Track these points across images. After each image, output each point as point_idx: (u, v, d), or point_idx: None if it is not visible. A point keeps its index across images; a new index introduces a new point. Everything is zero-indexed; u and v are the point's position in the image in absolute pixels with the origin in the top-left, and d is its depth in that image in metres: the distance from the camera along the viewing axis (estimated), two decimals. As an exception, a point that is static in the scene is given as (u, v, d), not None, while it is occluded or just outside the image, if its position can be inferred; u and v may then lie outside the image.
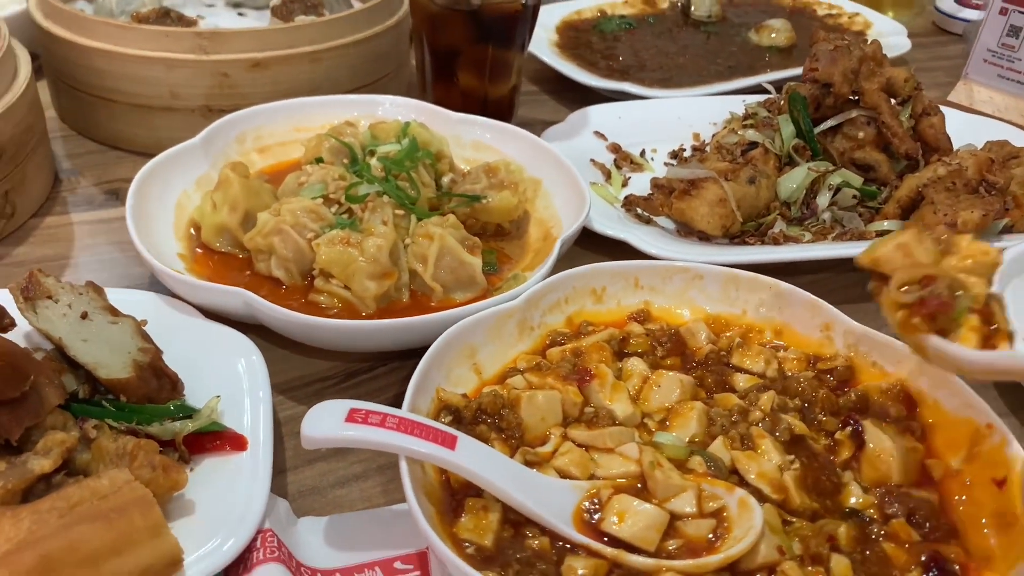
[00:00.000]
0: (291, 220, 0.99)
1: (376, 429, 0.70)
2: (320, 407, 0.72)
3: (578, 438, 0.80)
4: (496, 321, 0.89)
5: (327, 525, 0.77)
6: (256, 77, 1.26)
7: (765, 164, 1.21)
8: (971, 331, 0.72)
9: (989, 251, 0.75)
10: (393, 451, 0.71)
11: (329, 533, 0.76)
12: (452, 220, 1.03)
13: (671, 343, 0.94)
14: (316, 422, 0.71)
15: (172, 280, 0.92)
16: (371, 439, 0.70)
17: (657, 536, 0.71)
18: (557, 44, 1.69)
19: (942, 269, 0.74)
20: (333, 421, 0.71)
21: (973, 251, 0.76)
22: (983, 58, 1.63)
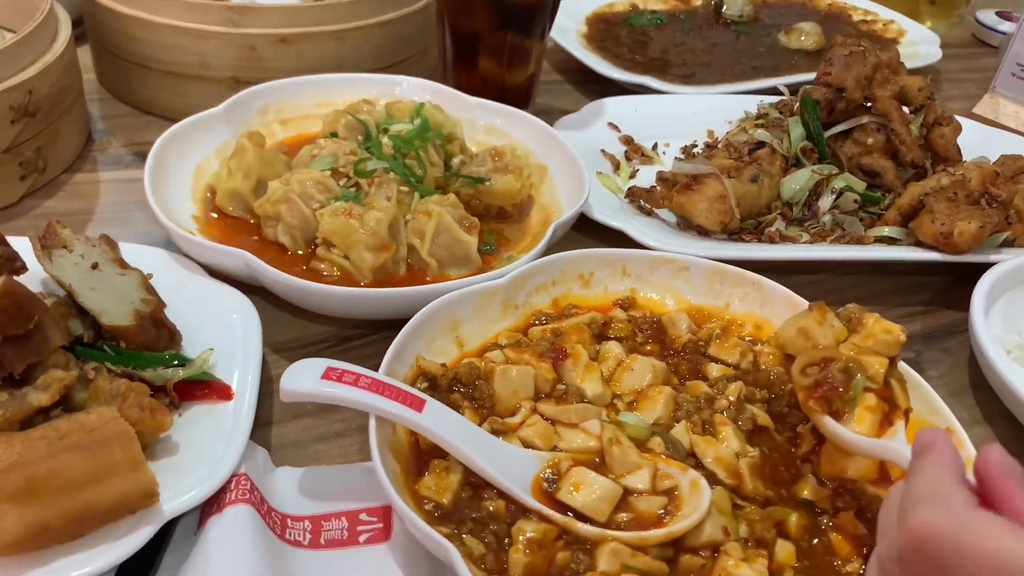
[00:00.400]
0: (299, 190, 1.04)
1: (349, 387, 0.75)
2: (300, 364, 0.77)
3: (546, 412, 0.83)
4: (481, 297, 0.93)
5: (302, 476, 0.82)
6: (282, 52, 1.31)
7: (771, 164, 1.22)
8: (867, 410, 0.77)
9: (892, 330, 0.81)
10: (364, 409, 0.75)
11: (303, 483, 0.81)
12: (452, 199, 1.06)
13: (652, 330, 0.97)
14: (294, 377, 0.76)
15: (179, 238, 0.97)
16: (343, 396, 0.74)
17: (608, 508, 0.74)
18: (585, 35, 1.72)
19: (838, 352, 0.80)
20: (310, 377, 0.75)
21: (876, 330, 0.82)
22: (1012, 72, 1.62)
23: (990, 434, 0.97)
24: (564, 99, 1.57)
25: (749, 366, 0.92)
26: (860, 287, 1.16)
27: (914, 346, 1.08)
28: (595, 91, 1.55)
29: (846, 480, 0.81)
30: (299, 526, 0.77)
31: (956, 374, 1.04)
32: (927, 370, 1.04)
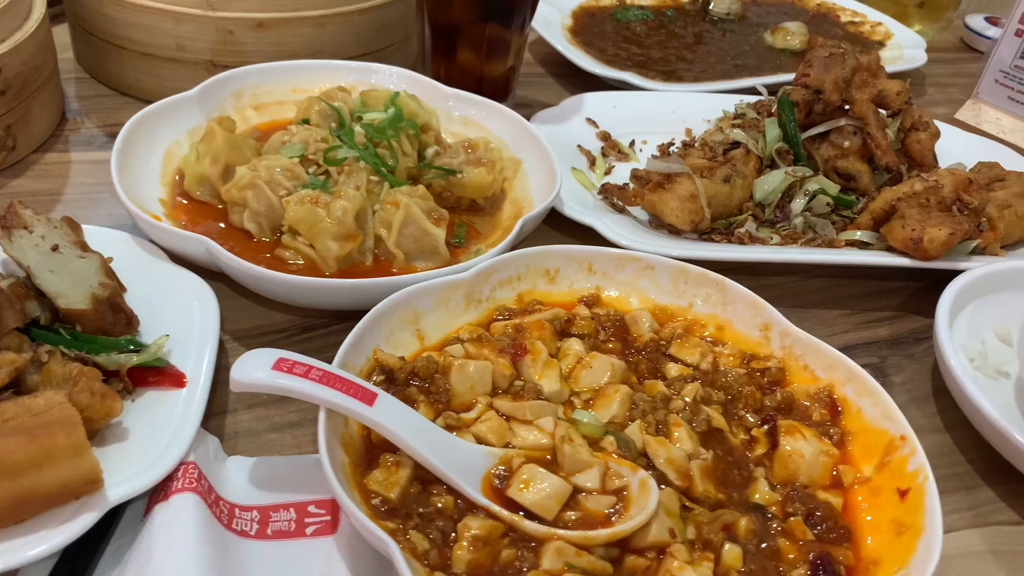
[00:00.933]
0: (266, 176, 1.03)
1: (299, 379, 0.74)
2: (251, 354, 0.76)
3: (501, 408, 0.83)
4: (443, 291, 0.93)
5: (253, 466, 0.81)
6: (260, 37, 1.30)
7: (745, 164, 1.22)
8: None
9: None
10: (314, 401, 0.74)
11: (254, 473, 0.81)
12: (421, 191, 1.06)
13: (615, 328, 0.96)
14: (245, 367, 0.75)
15: (142, 221, 0.97)
16: (293, 388, 0.74)
17: (557, 506, 0.74)
18: (570, 29, 1.71)
19: None
20: (261, 368, 0.75)
21: None
22: (995, 78, 1.62)
23: (949, 442, 0.97)
24: (545, 92, 1.56)
25: (709, 367, 0.92)
26: (829, 290, 1.16)
27: (879, 351, 1.08)
28: (578, 85, 1.54)
29: (798, 486, 0.81)
30: (247, 516, 0.77)
31: (919, 380, 1.05)
32: (891, 375, 1.04)
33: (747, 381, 0.90)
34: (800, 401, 0.88)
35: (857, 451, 0.85)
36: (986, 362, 1.02)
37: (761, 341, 0.95)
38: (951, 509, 0.88)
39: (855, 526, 0.79)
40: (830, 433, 0.85)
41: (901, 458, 0.80)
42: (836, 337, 1.09)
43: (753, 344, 0.95)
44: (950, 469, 0.93)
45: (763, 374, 0.91)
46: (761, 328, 0.95)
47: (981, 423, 0.92)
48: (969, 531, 0.87)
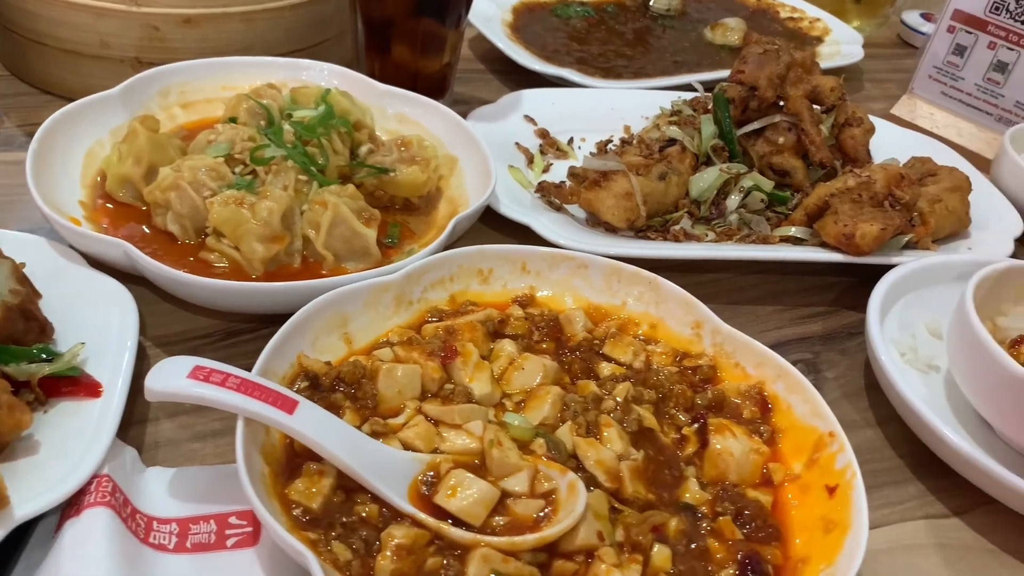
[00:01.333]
0: (190, 177, 1.00)
1: (216, 388, 0.72)
2: (166, 362, 0.74)
3: (430, 412, 0.81)
4: (372, 293, 0.91)
5: (173, 476, 0.79)
6: (187, 33, 1.26)
7: (681, 162, 1.22)
8: None
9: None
10: (231, 410, 0.72)
11: (173, 484, 0.78)
12: (351, 190, 1.04)
13: (548, 328, 0.95)
14: (160, 376, 0.73)
15: (58, 225, 0.93)
16: (210, 397, 0.72)
17: (484, 512, 0.73)
18: (510, 25, 1.69)
19: None
20: (176, 376, 0.72)
21: None
22: (928, 74, 1.64)
23: (880, 436, 0.97)
24: (485, 89, 1.54)
25: (642, 366, 0.92)
26: (763, 286, 1.17)
27: (812, 347, 1.08)
28: (518, 81, 1.53)
29: (727, 484, 0.81)
30: (165, 529, 0.74)
31: (852, 375, 1.05)
32: (824, 371, 1.05)
33: (678, 379, 0.89)
34: (731, 399, 0.88)
35: (787, 448, 0.85)
36: (917, 356, 1.03)
37: (693, 339, 0.94)
38: (882, 504, 0.89)
39: (784, 524, 0.79)
40: (760, 431, 0.85)
41: (830, 455, 0.81)
42: (770, 333, 1.09)
43: (685, 342, 0.95)
44: (881, 464, 0.94)
45: (694, 372, 0.91)
46: (693, 326, 0.94)
47: (911, 418, 0.93)
48: (899, 525, 0.87)
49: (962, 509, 0.89)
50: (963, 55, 1.58)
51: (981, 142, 1.57)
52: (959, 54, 1.58)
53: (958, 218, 1.22)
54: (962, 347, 0.93)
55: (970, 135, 1.59)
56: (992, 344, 0.87)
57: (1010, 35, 1.51)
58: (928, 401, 0.92)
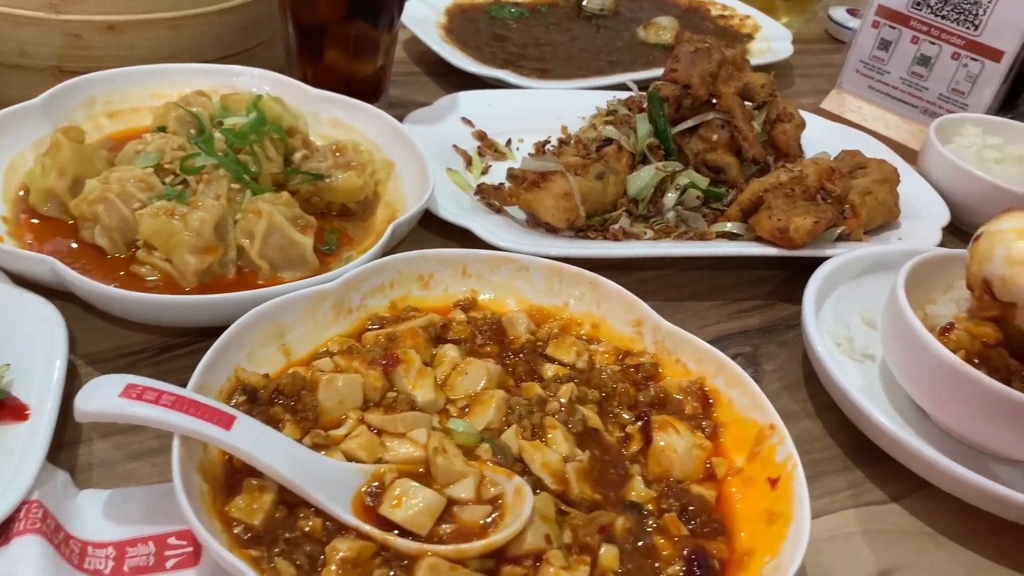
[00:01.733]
0: (118, 189, 0.98)
1: (150, 406, 0.70)
2: (97, 381, 0.72)
3: (372, 422, 0.80)
4: (309, 302, 0.89)
5: (108, 498, 0.76)
6: (111, 40, 1.23)
7: (618, 161, 1.23)
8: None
9: None
10: (166, 429, 0.70)
11: (109, 507, 0.76)
12: (285, 198, 1.02)
13: (491, 331, 0.95)
14: (90, 396, 0.70)
15: (-22, 243, 0.90)
16: (144, 415, 0.70)
17: (431, 521, 0.72)
18: (444, 27, 1.69)
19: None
20: (107, 396, 0.70)
21: None
22: (856, 68, 1.68)
23: (820, 426, 0.99)
24: (421, 92, 1.53)
25: (585, 365, 0.92)
26: (702, 282, 1.18)
27: (751, 340, 1.10)
28: (453, 84, 1.52)
29: (672, 481, 0.81)
30: (101, 554, 0.72)
31: (791, 367, 1.07)
32: (763, 364, 1.07)
33: (621, 378, 0.90)
34: (673, 395, 0.89)
35: (729, 442, 0.86)
36: (852, 346, 1.05)
37: (635, 337, 0.95)
38: (823, 493, 0.90)
39: (729, 518, 0.80)
40: (703, 426, 0.86)
41: (770, 447, 0.82)
42: (710, 328, 1.10)
43: (627, 340, 0.95)
44: (822, 453, 0.96)
45: (637, 370, 0.92)
46: (634, 324, 0.95)
47: (848, 407, 0.94)
48: (840, 513, 0.89)
49: (900, 494, 0.91)
50: (888, 49, 1.62)
51: (907, 134, 1.61)
52: (884, 49, 1.62)
53: (888, 209, 1.25)
54: (895, 336, 0.95)
55: (897, 127, 1.63)
56: (923, 332, 0.89)
57: (932, 29, 1.55)
58: (864, 390, 0.95)
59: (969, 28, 1.51)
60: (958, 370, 0.85)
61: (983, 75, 1.52)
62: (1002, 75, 1.50)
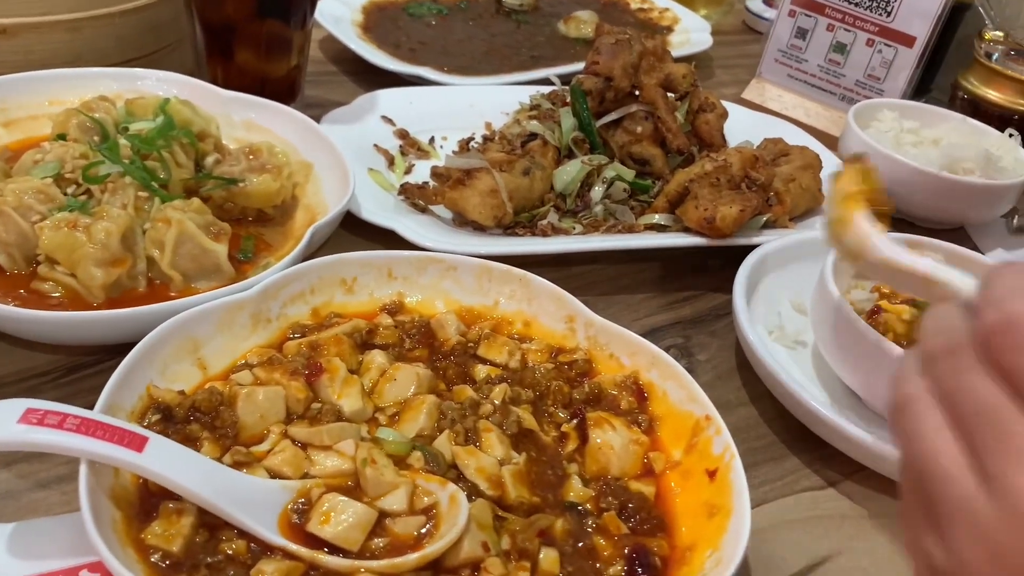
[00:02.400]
0: (14, 201, 0.92)
1: (53, 431, 0.65)
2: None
3: (297, 435, 0.77)
4: (224, 313, 0.85)
5: (13, 532, 0.71)
6: (5, 45, 1.16)
7: (543, 156, 1.21)
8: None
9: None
10: (73, 454, 0.66)
11: (14, 540, 0.71)
12: (196, 204, 0.97)
13: (420, 335, 0.92)
14: (-15, 424, 0.65)
15: None
16: (47, 441, 0.65)
17: (362, 536, 0.69)
18: (361, 25, 1.65)
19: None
20: (5, 423, 0.64)
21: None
22: (775, 58, 1.69)
23: (755, 414, 0.99)
24: (339, 91, 1.49)
25: (518, 365, 0.90)
26: (632, 275, 1.17)
27: (684, 331, 1.09)
28: (373, 82, 1.49)
29: (610, 479, 0.80)
30: (5, 593, 0.67)
31: (724, 356, 1.06)
32: (696, 354, 1.06)
33: (555, 376, 0.88)
34: (608, 391, 0.87)
35: (666, 436, 0.85)
36: (784, 333, 1.05)
37: (567, 333, 0.93)
38: (761, 482, 0.90)
39: (669, 513, 0.78)
40: (639, 420, 0.85)
41: (707, 439, 0.81)
42: (643, 320, 1.09)
43: (560, 337, 0.93)
44: (758, 442, 0.95)
45: (570, 367, 0.90)
46: (566, 320, 0.93)
47: (781, 393, 0.94)
48: (779, 501, 0.88)
49: (836, 479, 0.91)
50: (805, 38, 1.64)
51: (827, 120, 1.63)
52: (801, 37, 1.64)
53: (812, 195, 1.26)
54: (824, 321, 0.96)
55: (816, 115, 1.65)
56: (852, 315, 0.90)
57: (846, 17, 1.58)
58: (799, 376, 0.94)
59: (882, 15, 1.53)
60: (887, 352, 0.86)
61: (897, 61, 1.55)
62: (915, 60, 1.53)
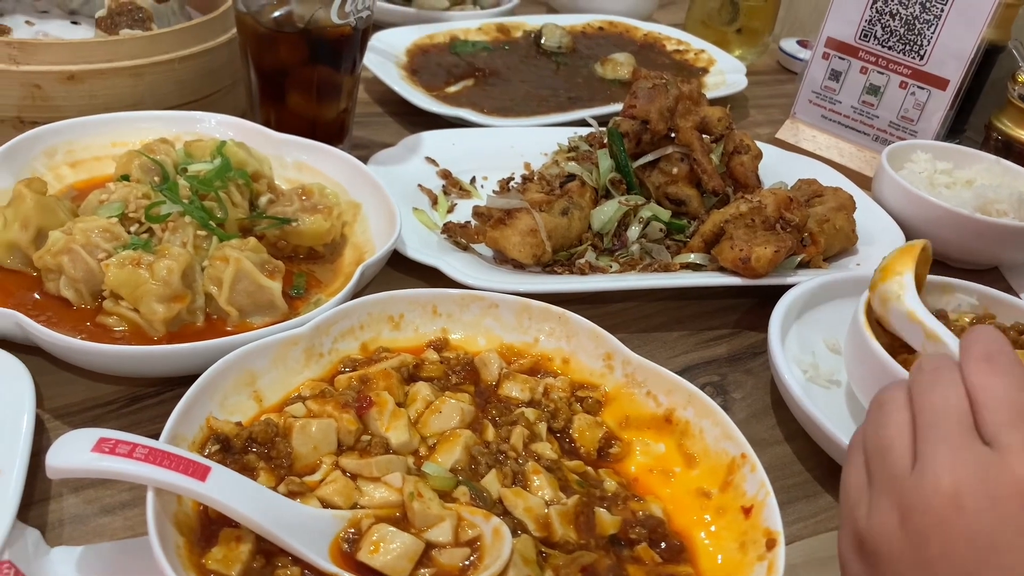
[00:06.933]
0: (82, 240, 0.97)
1: (123, 460, 0.69)
2: (68, 436, 0.71)
3: (347, 467, 0.80)
4: (280, 348, 0.89)
5: (81, 555, 0.75)
6: (71, 90, 1.22)
7: (581, 196, 1.24)
8: None
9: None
10: (141, 482, 0.69)
11: (82, 564, 0.75)
12: (252, 243, 1.02)
13: (464, 371, 0.96)
14: (61, 452, 0.69)
15: (-60, 300, 0.89)
16: (118, 469, 0.69)
17: (409, 565, 0.72)
18: (405, 66, 1.70)
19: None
20: (79, 451, 0.69)
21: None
22: (808, 99, 1.72)
23: (789, 452, 1.01)
24: (384, 132, 1.55)
25: (540, 398, 0.93)
26: (668, 313, 1.20)
27: (719, 369, 1.12)
28: (416, 123, 1.54)
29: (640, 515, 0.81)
30: (75, 613, 0.71)
31: (758, 395, 1.09)
32: (731, 392, 1.08)
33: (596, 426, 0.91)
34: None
35: (702, 473, 0.87)
36: (818, 372, 1.07)
37: (605, 371, 0.96)
38: (795, 519, 0.91)
39: (702, 547, 0.80)
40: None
41: (743, 476, 0.83)
42: (678, 358, 1.12)
43: (597, 375, 0.96)
44: (792, 479, 0.97)
45: (582, 402, 0.93)
46: (604, 358, 0.96)
47: (814, 432, 0.96)
48: (812, 539, 0.90)
49: (870, 517, 0.93)
50: (839, 80, 1.66)
51: (861, 161, 1.65)
52: (835, 79, 1.67)
53: (846, 236, 1.28)
54: (858, 361, 0.98)
55: (850, 155, 1.67)
56: (885, 356, 0.92)
57: (879, 60, 1.60)
58: (831, 416, 0.96)
59: (915, 58, 1.56)
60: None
61: (930, 103, 1.57)
62: (948, 102, 1.55)
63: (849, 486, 0.68)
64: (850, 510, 0.67)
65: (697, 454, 0.88)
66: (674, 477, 0.87)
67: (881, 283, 0.93)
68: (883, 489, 0.63)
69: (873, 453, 0.65)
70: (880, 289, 0.93)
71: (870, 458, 0.66)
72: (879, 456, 0.64)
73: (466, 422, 0.88)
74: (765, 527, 0.78)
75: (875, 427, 0.66)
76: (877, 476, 0.64)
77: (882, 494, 0.63)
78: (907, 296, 0.90)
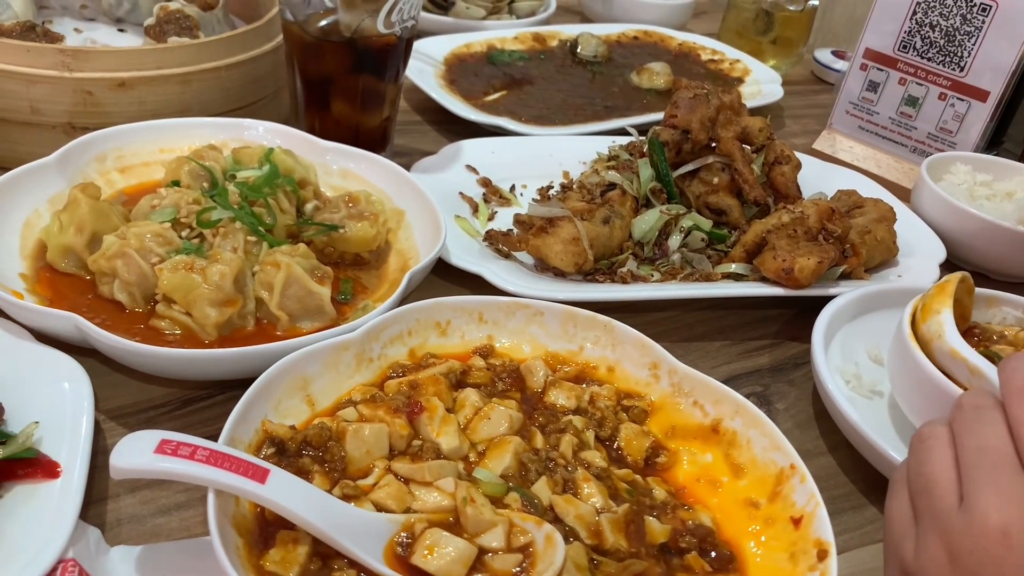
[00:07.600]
0: (136, 244, 0.99)
1: (185, 461, 0.70)
2: (131, 438, 0.72)
3: (400, 471, 0.81)
4: (331, 353, 0.90)
5: (139, 555, 0.77)
6: (121, 96, 1.25)
7: (622, 205, 1.25)
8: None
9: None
10: (202, 483, 0.71)
11: (141, 562, 0.76)
12: (302, 249, 1.04)
13: (510, 378, 0.96)
14: (125, 453, 0.71)
15: (2, 300, 0.91)
16: (180, 471, 0.70)
17: (463, 570, 0.73)
18: (443, 76, 1.72)
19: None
20: (142, 452, 0.70)
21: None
22: (846, 109, 1.72)
23: (833, 463, 1.01)
24: (423, 140, 1.56)
25: (587, 406, 0.93)
26: (710, 322, 1.20)
27: (762, 379, 1.12)
28: (455, 131, 1.55)
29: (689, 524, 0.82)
30: (136, 611, 0.72)
31: (801, 405, 1.09)
32: (775, 402, 1.08)
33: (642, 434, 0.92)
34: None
35: (750, 484, 0.87)
36: (861, 383, 1.07)
37: (650, 380, 0.96)
38: (842, 530, 0.91)
39: (746, 556, 0.81)
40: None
41: (792, 487, 0.83)
42: (721, 368, 1.12)
43: (643, 384, 0.97)
44: (837, 490, 0.97)
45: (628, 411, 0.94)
46: (650, 367, 0.97)
47: (859, 443, 0.96)
48: (859, 550, 0.90)
49: (916, 530, 0.93)
50: (876, 91, 1.66)
51: (899, 172, 1.65)
52: (872, 90, 1.67)
53: (887, 247, 1.28)
54: (902, 372, 0.98)
55: (888, 166, 1.67)
56: (929, 367, 0.91)
57: (918, 71, 1.60)
58: (875, 426, 0.96)
59: (955, 70, 1.55)
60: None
61: (970, 114, 1.56)
62: (988, 114, 1.54)
63: (894, 520, 0.69)
64: (895, 545, 0.68)
65: (745, 464, 0.88)
66: (721, 487, 0.87)
67: (922, 324, 0.95)
68: (930, 527, 0.64)
69: (918, 489, 0.67)
70: (922, 330, 0.95)
71: (915, 494, 0.68)
72: (924, 493, 0.66)
73: (514, 429, 0.88)
74: (816, 538, 0.78)
75: (918, 463, 0.68)
76: (923, 512, 0.66)
77: (929, 531, 0.64)
78: (947, 334, 0.92)
